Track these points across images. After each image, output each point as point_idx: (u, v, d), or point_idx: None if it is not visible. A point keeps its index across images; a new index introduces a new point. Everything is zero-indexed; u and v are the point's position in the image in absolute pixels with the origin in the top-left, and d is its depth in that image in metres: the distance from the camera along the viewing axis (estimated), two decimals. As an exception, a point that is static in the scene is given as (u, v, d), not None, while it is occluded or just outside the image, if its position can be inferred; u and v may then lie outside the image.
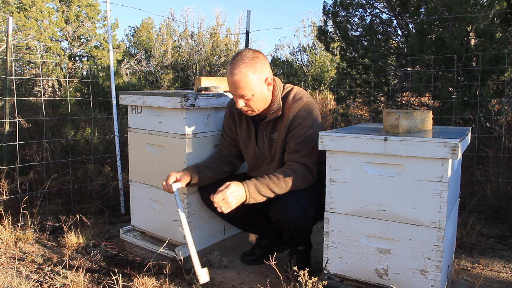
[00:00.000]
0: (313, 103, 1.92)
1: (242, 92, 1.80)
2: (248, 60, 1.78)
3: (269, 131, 1.93)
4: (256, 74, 1.79)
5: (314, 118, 1.87)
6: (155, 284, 1.85)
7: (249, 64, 1.78)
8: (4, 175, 2.71)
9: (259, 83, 1.81)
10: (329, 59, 6.73)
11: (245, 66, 1.77)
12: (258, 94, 1.82)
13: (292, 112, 1.85)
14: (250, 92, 1.80)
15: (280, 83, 1.94)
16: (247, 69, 1.77)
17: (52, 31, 8.34)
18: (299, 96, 1.89)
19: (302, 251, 2.03)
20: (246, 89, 1.79)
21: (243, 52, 1.82)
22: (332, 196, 1.67)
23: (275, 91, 1.90)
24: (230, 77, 1.79)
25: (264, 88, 1.84)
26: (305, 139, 1.83)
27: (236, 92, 1.81)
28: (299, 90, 1.94)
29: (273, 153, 1.94)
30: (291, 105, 1.86)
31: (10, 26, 2.92)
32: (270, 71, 1.86)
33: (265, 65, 1.83)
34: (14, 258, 2.19)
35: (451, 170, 1.51)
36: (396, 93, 4.00)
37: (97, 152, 3.68)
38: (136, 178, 2.29)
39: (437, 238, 1.49)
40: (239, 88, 1.79)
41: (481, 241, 2.43)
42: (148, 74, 8.42)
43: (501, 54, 3.04)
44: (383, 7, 4.11)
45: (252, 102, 1.84)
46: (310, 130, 1.84)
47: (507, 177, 2.94)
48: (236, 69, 1.77)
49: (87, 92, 5.80)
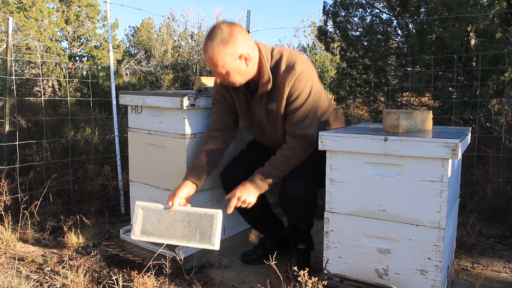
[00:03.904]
0: (307, 68, 1.83)
1: (216, 69, 1.76)
2: (221, 36, 1.71)
3: (264, 103, 1.89)
4: (229, 51, 1.72)
5: (311, 84, 1.83)
6: (155, 284, 1.85)
7: (222, 41, 1.70)
8: (4, 175, 2.71)
9: (232, 60, 1.74)
10: (329, 59, 6.73)
11: (217, 44, 1.70)
12: (233, 70, 1.76)
13: (287, 85, 1.79)
14: (223, 69, 1.75)
15: (267, 52, 1.84)
16: (219, 46, 1.70)
17: (52, 31, 8.34)
18: (291, 64, 1.80)
19: (302, 251, 2.03)
20: (219, 66, 1.74)
21: (217, 28, 1.73)
22: (332, 196, 1.67)
23: (262, 63, 1.82)
24: (204, 54, 1.76)
25: (240, 64, 1.76)
26: (305, 109, 1.81)
27: (212, 68, 1.78)
28: (289, 56, 1.83)
29: (272, 122, 1.92)
30: (284, 77, 1.79)
31: (10, 26, 2.92)
32: (247, 46, 1.76)
33: (240, 40, 1.73)
34: (14, 258, 2.19)
35: (451, 170, 1.51)
36: (396, 93, 4.00)
37: (97, 152, 3.68)
38: (136, 178, 2.29)
39: (437, 238, 1.49)
40: (213, 65, 1.76)
41: (481, 241, 2.43)
42: (148, 74, 8.42)
43: (501, 54, 3.04)
44: (383, 7, 4.11)
45: (229, 77, 1.79)
46: (308, 98, 1.81)
47: (507, 177, 2.94)
48: (209, 46, 1.72)
49: (87, 92, 5.80)
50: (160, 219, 1.85)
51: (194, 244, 1.78)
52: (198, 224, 1.79)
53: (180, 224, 1.82)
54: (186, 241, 1.79)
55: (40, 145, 3.67)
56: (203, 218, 1.78)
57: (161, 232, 1.84)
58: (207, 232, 1.77)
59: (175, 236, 1.82)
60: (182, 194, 1.84)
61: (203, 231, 1.79)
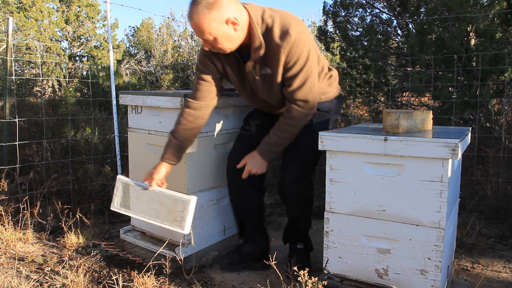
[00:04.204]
0: (303, 31, 1.74)
1: (203, 36, 1.69)
2: (206, 1, 1.63)
3: (258, 68, 1.82)
4: (215, 16, 1.64)
5: (308, 47, 1.75)
6: (155, 284, 1.85)
7: (207, 6, 1.63)
8: (4, 175, 2.71)
9: (219, 25, 1.66)
10: (329, 59, 6.73)
11: (202, 9, 1.63)
12: (221, 36, 1.68)
13: (283, 52, 1.73)
14: (210, 36, 1.68)
15: (257, 16, 1.75)
16: (204, 11, 1.63)
17: (52, 31, 8.34)
18: (285, 29, 1.72)
19: (301, 250, 2.03)
20: (205, 33, 1.67)
21: None
22: (332, 196, 1.67)
23: (252, 27, 1.73)
24: (189, 21, 1.68)
25: (228, 29, 1.68)
26: (304, 75, 1.77)
27: (198, 35, 1.71)
28: (282, 20, 1.74)
29: (267, 87, 1.87)
30: (280, 44, 1.72)
31: (10, 26, 2.92)
32: (234, 9, 1.68)
33: (226, 4, 1.65)
34: (14, 258, 2.19)
35: (451, 170, 1.51)
36: (396, 93, 4.00)
37: (97, 152, 3.68)
38: (136, 178, 2.28)
39: (437, 238, 1.49)
40: (199, 32, 1.68)
41: (481, 241, 2.43)
42: (148, 74, 8.42)
43: (501, 54, 3.04)
44: (383, 7, 4.11)
45: (217, 44, 1.71)
46: (306, 63, 1.76)
47: (507, 177, 2.94)
48: (193, 12, 1.65)
49: (87, 92, 5.80)
50: (138, 196, 2.00)
51: (166, 225, 1.91)
52: (172, 207, 1.91)
53: (155, 204, 1.95)
54: (160, 221, 1.93)
55: (40, 145, 3.67)
56: (177, 202, 1.90)
57: (137, 209, 2.00)
58: (179, 216, 1.89)
59: (150, 214, 1.96)
60: (159, 176, 1.92)
61: (175, 214, 1.91)
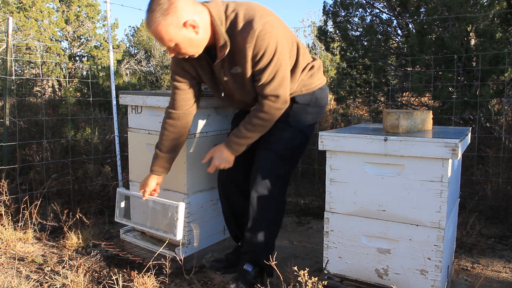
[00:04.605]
0: (269, 22, 1.63)
1: (164, 43, 1.63)
2: (160, 7, 1.56)
3: (227, 68, 1.75)
4: (171, 21, 1.57)
5: (276, 39, 1.64)
6: (155, 284, 1.85)
7: (162, 13, 1.56)
8: (4, 175, 2.71)
9: (177, 31, 1.59)
10: (329, 59, 6.73)
11: (157, 16, 1.56)
12: (182, 41, 1.62)
13: (248, 47, 1.63)
14: (171, 42, 1.62)
15: (220, 13, 1.66)
16: (160, 18, 1.56)
17: (52, 31, 8.34)
18: (249, 22, 1.62)
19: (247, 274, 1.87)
20: (165, 40, 1.61)
21: None
22: (332, 196, 1.67)
23: (214, 26, 1.65)
24: (148, 29, 1.63)
25: (188, 33, 1.61)
26: (273, 68, 1.66)
27: (160, 42, 1.65)
28: (245, 13, 1.65)
29: (240, 86, 1.79)
30: (244, 38, 1.62)
31: (10, 26, 2.92)
32: (192, 11, 1.60)
33: (181, 7, 1.58)
34: (14, 258, 2.19)
35: (451, 170, 1.51)
36: (396, 93, 4.00)
37: (97, 152, 3.68)
38: (136, 178, 2.29)
39: (437, 238, 1.49)
40: (159, 40, 1.63)
41: (481, 241, 2.43)
42: (148, 74, 8.42)
43: (501, 54, 3.04)
44: (383, 7, 4.11)
45: (180, 49, 1.65)
46: (274, 56, 1.65)
47: (507, 177, 2.94)
48: (149, 20, 1.58)
49: (87, 92, 5.80)
50: (135, 206, 2.18)
51: (161, 233, 2.04)
52: (164, 214, 2.03)
53: (150, 212, 2.10)
54: (155, 230, 2.07)
55: (40, 145, 3.67)
56: (168, 209, 2.01)
57: (135, 218, 2.17)
58: (171, 223, 2.00)
59: (146, 222, 2.12)
60: (150, 188, 1.98)
61: (168, 221, 2.03)
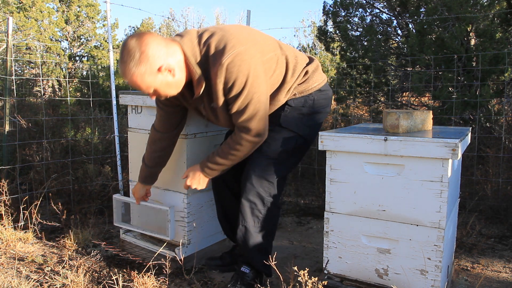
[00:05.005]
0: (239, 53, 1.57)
1: (143, 91, 1.62)
2: (132, 57, 1.53)
3: (206, 102, 1.72)
4: (145, 70, 1.55)
5: (247, 70, 1.58)
6: (155, 284, 1.85)
7: (134, 63, 1.53)
8: (4, 175, 2.71)
9: (153, 77, 1.57)
10: (329, 59, 6.73)
11: (130, 67, 1.54)
12: (159, 86, 1.60)
13: (219, 81, 1.59)
14: (149, 89, 1.60)
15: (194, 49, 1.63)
16: (133, 69, 1.54)
17: (52, 31, 8.34)
18: (218, 55, 1.58)
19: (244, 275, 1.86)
20: (143, 88, 1.59)
21: (125, 48, 1.55)
22: (332, 196, 1.67)
23: (189, 65, 1.62)
24: (123, 78, 1.61)
25: (164, 77, 1.59)
26: (243, 100, 1.62)
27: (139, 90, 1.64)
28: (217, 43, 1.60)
29: (221, 120, 1.76)
30: (215, 73, 1.59)
31: (10, 26, 2.92)
32: (164, 55, 1.57)
33: (153, 54, 1.54)
34: (14, 258, 2.19)
35: (451, 170, 1.51)
36: (396, 93, 4.00)
37: (97, 152, 3.68)
38: (136, 178, 2.28)
39: (437, 238, 1.49)
40: (137, 88, 1.61)
41: (481, 241, 2.43)
42: (148, 74, 8.38)
43: (501, 54, 3.04)
44: (383, 7, 4.11)
45: (160, 93, 1.63)
46: (245, 88, 1.59)
47: (507, 177, 2.94)
48: (123, 71, 1.57)
49: (87, 92, 5.80)
50: (131, 211, 2.30)
51: (156, 235, 2.13)
52: (156, 217, 2.14)
53: (143, 216, 2.22)
54: (149, 231, 2.16)
55: (40, 145, 3.67)
56: (159, 212, 2.11)
57: (133, 221, 2.28)
58: (163, 225, 2.09)
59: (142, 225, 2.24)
60: (140, 195, 2.08)
61: (160, 224, 2.12)
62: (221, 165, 1.77)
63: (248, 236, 1.81)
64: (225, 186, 2.01)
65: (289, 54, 1.77)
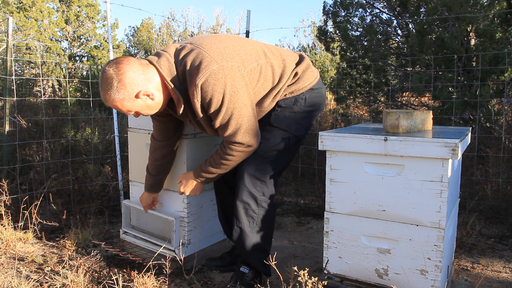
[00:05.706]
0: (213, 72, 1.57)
1: (125, 113, 1.69)
2: (110, 86, 1.58)
3: (191, 116, 1.76)
4: (124, 97, 1.60)
5: (223, 87, 1.59)
6: (155, 284, 1.85)
7: (113, 91, 1.58)
8: (4, 175, 2.71)
9: (132, 102, 1.63)
10: (329, 59, 6.73)
11: (110, 94, 1.59)
12: (140, 109, 1.67)
13: (196, 101, 1.61)
14: (130, 112, 1.67)
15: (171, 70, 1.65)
16: (113, 96, 1.59)
17: (52, 31, 8.33)
18: (194, 73, 1.59)
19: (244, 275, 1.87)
20: (124, 111, 1.66)
21: (104, 76, 1.59)
22: (332, 196, 1.67)
23: (167, 86, 1.67)
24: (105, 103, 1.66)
25: (143, 101, 1.64)
26: (224, 116, 1.63)
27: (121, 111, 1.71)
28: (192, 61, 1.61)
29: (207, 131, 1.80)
30: (192, 93, 1.61)
31: (10, 26, 2.92)
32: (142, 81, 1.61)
33: (130, 82, 1.59)
34: (14, 258, 2.19)
35: (451, 170, 1.51)
36: (396, 93, 4.00)
37: (97, 152, 3.68)
38: (136, 178, 2.29)
39: (437, 238, 1.49)
40: (119, 111, 1.70)
41: (481, 241, 2.43)
42: (148, 74, 8.38)
43: (501, 54, 3.04)
44: (383, 7, 4.11)
45: (141, 113, 1.70)
46: (223, 105, 1.61)
47: (507, 177, 2.94)
48: (104, 97, 1.62)
49: (87, 92, 5.80)
50: (138, 217, 2.32)
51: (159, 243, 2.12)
52: (163, 226, 2.17)
53: (150, 223, 2.25)
54: (155, 240, 2.16)
55: (40, 145, 3.67)
56: (165, 222, 2.15)
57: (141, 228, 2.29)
58: (168, 235, 2.12)
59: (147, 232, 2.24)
60: (146, 203, 2.14)
61: (166, 234, 2.15)
62: (215, 174, 1.81)
63: (243, 237, 1.81)
64: (226, 186, 2.02)
65: (274, 61, 1.76)
